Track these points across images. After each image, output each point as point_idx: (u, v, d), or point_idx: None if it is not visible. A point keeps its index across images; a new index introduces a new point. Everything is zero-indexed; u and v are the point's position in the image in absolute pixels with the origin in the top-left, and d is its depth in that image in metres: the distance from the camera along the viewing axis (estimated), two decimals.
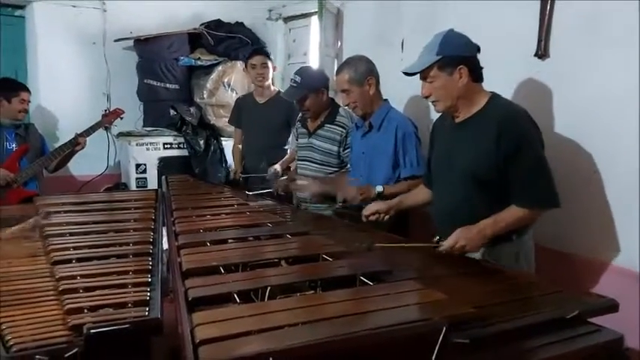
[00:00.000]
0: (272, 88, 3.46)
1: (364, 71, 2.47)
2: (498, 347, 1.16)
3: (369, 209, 2.18)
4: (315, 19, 3.98)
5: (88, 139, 3.58)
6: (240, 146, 3.59)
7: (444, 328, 1.09)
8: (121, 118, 3.87)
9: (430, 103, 1.94)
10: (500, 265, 1.74)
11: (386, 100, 2.57)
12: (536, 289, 1.48)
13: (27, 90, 3.48)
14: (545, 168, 1.78)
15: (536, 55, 2.28)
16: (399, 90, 2.84)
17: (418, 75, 1.89)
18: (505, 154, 1.76)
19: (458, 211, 1.88)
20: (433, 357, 1.07)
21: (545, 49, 2.25)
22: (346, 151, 2.78)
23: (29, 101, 3.49)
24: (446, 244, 1.72)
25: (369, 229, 2.22)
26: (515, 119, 1.79)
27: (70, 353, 1.11)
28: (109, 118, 3.78)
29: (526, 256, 1.89)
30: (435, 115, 2.20)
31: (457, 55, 1.82)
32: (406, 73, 1.91)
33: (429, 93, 1.89)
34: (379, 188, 2.38)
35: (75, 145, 3.47)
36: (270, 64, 3.41)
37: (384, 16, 3.28)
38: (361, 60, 2.52)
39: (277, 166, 3.18)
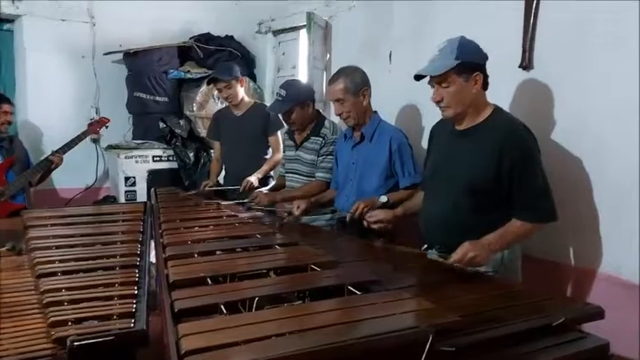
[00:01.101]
0: (246, 100, 3.43)
1: (359, 82, 2.48)
2: (484, 355, 1.16)
3: (375, 216, 2.16)
4: (303, 32, 4.01)
5: (76, 152, 3.57)
6: (219, 159, 3.58)
7: (430, 337, 1.09)
8: (107, 127, 3.86)
9: (421, 112, 1.95)
10: (487, 274, 1.75)
11: (375, 112, 2.59)
12: (523, 297, 1.49)
13: (8, 102, 3.44)
14: (547, 183, 1.82)
15: (520, 66, 2.32)
16: (387, 101, 2.87)
17: (411, 85, 1.89)
18: (509, 168, 1.78)
19: (448, 218, 1.89)
20: None
21: (530, 60, 2.29)
22: (319, 159, 2.81)
23: (12, 113, 3.45)
24: (455, 256, 1.70)
25: (358, 239, 2.22)
26: (520, 135, 1.81)
27: None
28: (94, 127, 3.77)
29: (511, 261, 1.90)
30: (427, 124, 2.22)
31: (474, 62, 1.83)
32: (419, 77, 1.89)
33: (440, 98, 1.87)
34: (383, 199, 2.37)
35: (50, 163, 3.46)
36: (233, 82, 3.29)
37: (372, 29, 3.32)
38: (356, 71, 2.53)
39: (252, 178, 3.16)
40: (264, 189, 3.10)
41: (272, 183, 3.28)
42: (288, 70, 4.38)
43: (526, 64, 2.30)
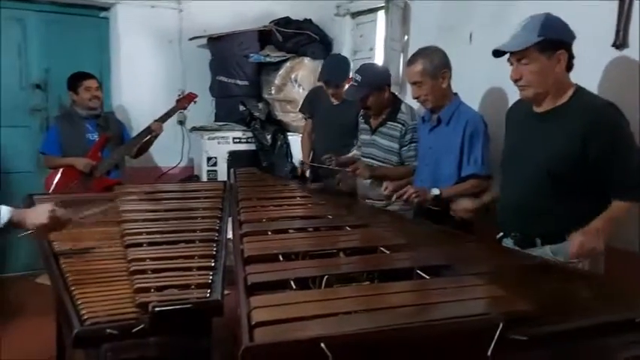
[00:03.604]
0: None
1: (439, 64, 2.39)
2: (559, 346, 1.12)
3: (461, 205, 2.11)
4: (382, 13, 3.96)
5: (164, 133, 3.77)
6: (309, 137, 3.61)
7: (501, 324, 1.06)
8: (195, 102, 4.00)
9: (507, 97, 1.86)
10: (566, 264, 1.66)
11: (456, 94, 2.51)
12: (604, 289, 1.41)
13: (91, 77, 3.58)
14: None
15: (614, 45, 2.15)
16: (469, 84, 2.77)
17: (487, 68, 1.83)
18: (599, 153, 1.68)
19: (525, 204, 1.81)
20: (489, 352, 1.05)
21: (624, 39, 2.12)
22: (404, 149, 2.76)
23: (97, 88, 3.59)
24: (572, 252, 1.64)
25: (429, 223, 2.19)
26: (606, 116, 1.70)
27: (137, 329, 1.19)
28: (182, 103, 3.92)
29: None
30: None
31: (559, 39, 1.73)
32: (498, 53, 1.81)
33: (519, 76, 1.77)
34: (435, 191, 2.30)
35: (150, 131, 3.64)
36: (344, 84, 3.23)
37: (452, 9, 3.21)
38: (436, 51, 2.44)
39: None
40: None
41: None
42: (365, 53, 4.34)
43: (620, 42, 2.13)
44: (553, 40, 1.71)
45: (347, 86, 3.26)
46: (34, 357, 2.66)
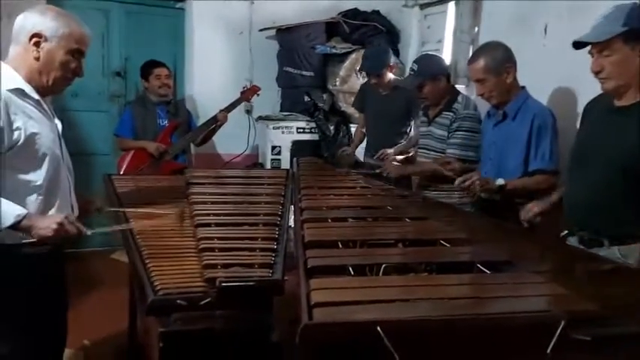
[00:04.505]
0: (392, 78, 3.42)
1: (502, 59, 2.34)
2: (624, 350, 1.08)
3: (532, 211, 2.06)
4: (452, 4, 3.89)
5: (232, 121, 3.90)
6: (363, 130, 3.68)
7: (563, 322, 1.05)
8: (258, 95, 4.12)
9: (577, 94, 1.79)
10: (637, 267, 1.59)
11: (523, 87, 2.44)
12: None
13: (161, 66, 3.77)
14: None
15: None
16: (540, 78, 2.68)
17: (558, 62, 1.77)
18: None
19: (595, 202, 1.74)
20: (548, 350, 1.04)
21: None
22: (449, 134, 2.74)
23: (167, 76, 3.77)
24: None
25: (490, 218, 2.15)
26: None
27: (205, 301, 1.27)
28: (246, 95, 4.06)
29: None
30: (582, 106, 2.05)
31: None
32: (578, 44, 1.76)
33: (600, 68, 1.72)
34: (500, 181, 2.26)
35: (216, 121, 3.79)
36: (385, 71, 3.31)
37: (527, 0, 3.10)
38: (498, 47, 2.39)
39: (389, 150, 3.21)
40: (396, 155, 3.14)
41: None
42: (433, 44, 4.28)
43: None
44: (638, 30, 1.64)
45: (390, 75, 3.33)
46: (109, 325, 2.87)
